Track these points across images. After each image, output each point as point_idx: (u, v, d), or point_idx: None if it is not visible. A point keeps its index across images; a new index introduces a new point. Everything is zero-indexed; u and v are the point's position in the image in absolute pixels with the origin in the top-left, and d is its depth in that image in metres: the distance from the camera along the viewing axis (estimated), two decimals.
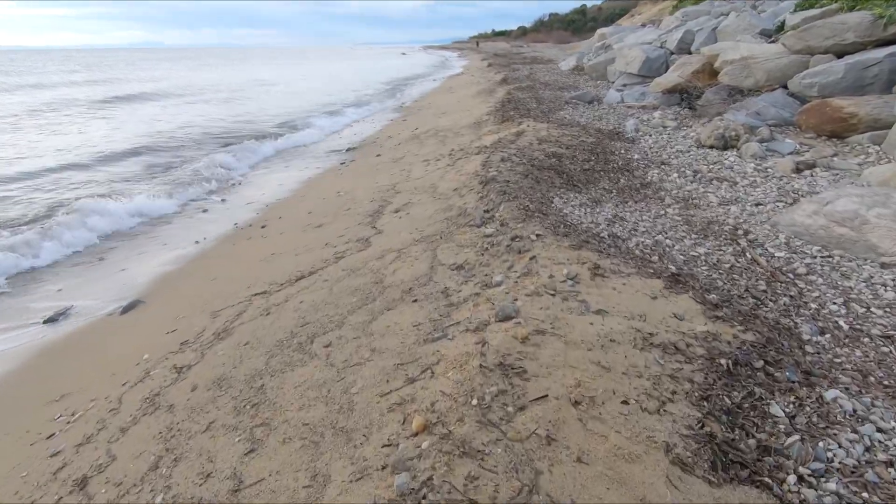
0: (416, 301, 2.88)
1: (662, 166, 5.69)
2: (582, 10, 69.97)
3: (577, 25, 64.42)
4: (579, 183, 5.06)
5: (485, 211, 4.09)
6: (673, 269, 3.25)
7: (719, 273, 3.32)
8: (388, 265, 3.56)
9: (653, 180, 5.26)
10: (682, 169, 5.50)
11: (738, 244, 3.74)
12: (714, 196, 4.68)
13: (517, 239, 3.39)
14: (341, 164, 8.32)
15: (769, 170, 5.20)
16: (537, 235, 3.42)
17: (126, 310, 3.91)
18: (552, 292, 2.67)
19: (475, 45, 78.53)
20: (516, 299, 2.60)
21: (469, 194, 4.71)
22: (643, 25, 20.48)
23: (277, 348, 2.72)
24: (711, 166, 5.53)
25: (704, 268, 3.40)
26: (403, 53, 78.23)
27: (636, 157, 6.11)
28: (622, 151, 6.30)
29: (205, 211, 6.44)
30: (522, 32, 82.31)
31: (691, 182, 5.11)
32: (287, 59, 67.01)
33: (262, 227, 5.42)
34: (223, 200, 6.90)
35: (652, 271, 3.09)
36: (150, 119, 14.05)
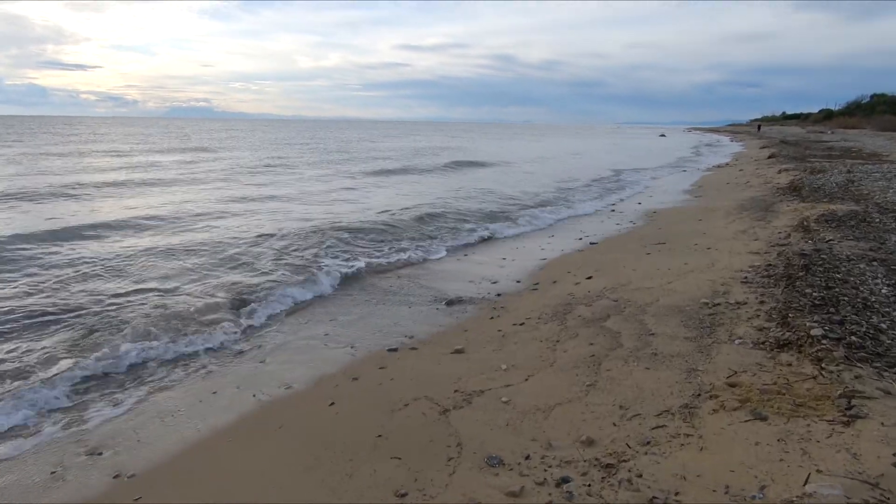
0: None
1: None
2: None
3: None
4: None
5: None
6: None
7: None
8: None
9: None
10: None
11: None
12: None
13: None
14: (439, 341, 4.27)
15: None
16: None
17: None
18: None
19: (755, 128, 65.44)
20: None
21: None
22: None
23: None
24: None
25: None
26: (662, 135, 70.83)
27: None
28: None
29: None
30: (826, 116, 64.81)
31: None
32: (552, 136, 67.24)
33: None
34: None
35: None
36: None
